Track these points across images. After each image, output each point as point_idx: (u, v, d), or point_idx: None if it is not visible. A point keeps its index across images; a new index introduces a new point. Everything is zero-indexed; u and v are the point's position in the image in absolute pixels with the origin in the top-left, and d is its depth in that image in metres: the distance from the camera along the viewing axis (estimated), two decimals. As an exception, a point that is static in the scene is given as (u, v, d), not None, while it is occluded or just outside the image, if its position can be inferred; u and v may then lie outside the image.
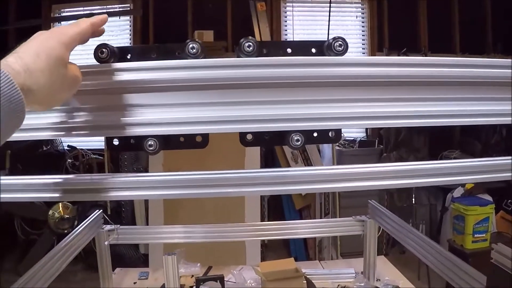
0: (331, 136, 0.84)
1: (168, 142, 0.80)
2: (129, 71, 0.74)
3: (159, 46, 0.81)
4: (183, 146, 0.83)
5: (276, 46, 0.82)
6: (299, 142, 0.79)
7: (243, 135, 0.83)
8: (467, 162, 0.93)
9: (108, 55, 0.77)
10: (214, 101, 0.75)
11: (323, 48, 0.81)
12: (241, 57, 0.76)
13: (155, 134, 0.77)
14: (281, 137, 0.82)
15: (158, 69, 0.73)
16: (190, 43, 0.75)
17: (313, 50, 0.82)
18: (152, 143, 0.77)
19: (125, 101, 0.75)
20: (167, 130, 0.76)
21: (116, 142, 0.81)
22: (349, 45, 0.79)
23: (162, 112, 0.75)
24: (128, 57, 0.81)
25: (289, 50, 0.82)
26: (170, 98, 0.75)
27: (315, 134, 0.83)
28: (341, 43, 0.78)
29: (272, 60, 0.74)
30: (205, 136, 0.83)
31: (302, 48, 0.83)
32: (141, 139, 0.77)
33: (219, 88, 0.75)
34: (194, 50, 0.75)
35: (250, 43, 0.75)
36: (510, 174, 0.92)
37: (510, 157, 0.93)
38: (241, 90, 0.75)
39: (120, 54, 0.80)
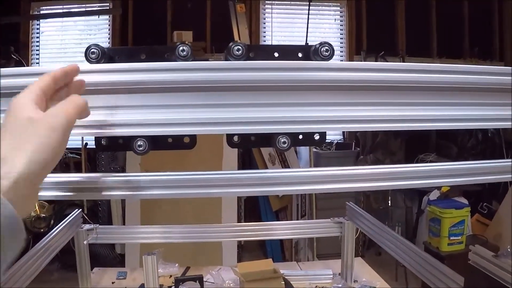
0: (316, 139, 0.85)
1: (156, 142, 0.80)
2: (119, 72, 0.74)
3: (149, 48, 0.82)
4: (171, 146, 0.83)
5: (263, 50, 0.84)
6: (286, 144, 0.80)
7: (230, 137, 0.85)
8: (443, 166, 0.95)
9: (98, 55, 0.77)
10: (203, 103, 0.76)
11: (310, 52, 0.82)
12: (230, 60, 0.77)
13: (144, 135, 0.78)
14: (268, 139, 0.83)
15: (148, 70, 0.74)
16: (180, 45, 0.76)
17: (300, 55, 0.84)
18: (142, 143, 0.78)
19: (115, 102, 0.76)
20: (155, 131, 0.76)
21: (104, 141, 0.82)
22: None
23: (151, 113, 0.76)
24: (118, 58, 0.82)
25: (276, 54, 0.84)
26: (159, 99, 0.76)
27: (300, 137, 0.84)
28: (327, 48, 0.79)
29: (261, 63, 0.76)
30: (193, 137, 0.84)
31: (289, 52, 0.84)
32: (130, 139, 0.78)
33: (208, 90, 0.76)
34: (185, 53, 0.76)
35: (239, 47, 0.76)
36: (483, 178, 0.95)
37: (481, 162, 0.96)
38: (229, 93, 0.77)
39: (110, 54, 0.81)
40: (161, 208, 4.02)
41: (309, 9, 5.25)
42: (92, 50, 0.77)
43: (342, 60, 6.00)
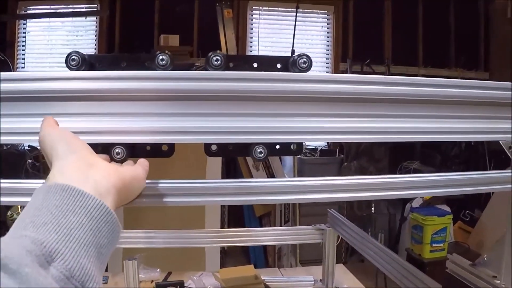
0: (293, 149, 0.86)
1: (134, 150, 0.81)
2: (99, 80, 0.75)
3: (129, 55, 0.82)
4: (149, 154, 0.84)
5: (243, 60, 0.85)
6: (262, 154, 0.81)
7: (207, 146, 0.85)
8: (427, 177, 0.95)
9: (79, 62, 0.78)
10: (180, 112, 0.77)
11: (288, 64, 0.83)
12: (209, 70, 0.78)
13: (122, 143, 0.78)
14: (245, 148, 0.84)
15: (127, 79, 0.75)
16: (159, 55, 0.77)
17: (279, 66, 0.85)
18: (120, 151, 0.78)
19: (94, 109, 0.76)
20: (134, 139, 0.77)
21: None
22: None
23: (129, 121, 0.77)
24: (99, 65, 0.83)
25: (255, 65, 0.85)
26: (137, 108, 0.76)
27: (277, 147, 0.85)
28: (305, 60, 0.80)
29: (239, 74, 0.77)
30: (171, 146, 0.85)
31: (268, 63, 0.85)
32: (109, 146, 0.78)
33: (186, 100, 0.77)
34: (164, 62, 0.77)
35: (218, 57, 0.77)
36: (462, 189, 0.96)
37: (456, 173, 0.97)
38: (207, 102, 0.77)
39: (91, 62, 0.81)
40: (144, 214, 4.01)
41: (296, 16, 5.28)
42: (73, 57, 0.78)
43: (328, 67, 6.03)
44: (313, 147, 5.62)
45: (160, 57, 0.77)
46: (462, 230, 4.87)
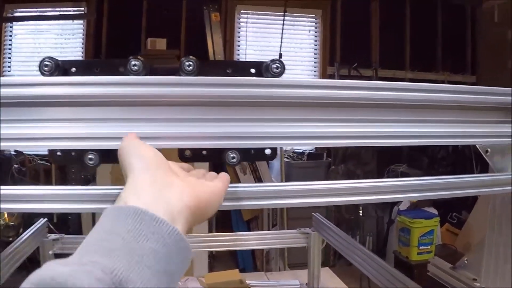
0: (267, 154, 0.86)
1: (108, 155, 0.80)
2: (70, 85, 0.74)
3: (103, 61, 0.82)
4: (123, 160, 0.84)
5: (216, 65, 0.85)
6: (234, 160, 0.81)
7: (181, 151, 0.85)
8: (415, 181, 0.96)
9: (52, 68, 0.77)
10: (153, 117, 0.77)
11: (262, 69, 0.83)
12: (181, 76, 0.78)
13: (95, 148, 0.78)
14: (219, 153, 0.84)
15: (98, 84, 0.74)
16: (132, 60, 0.76)
17: (253, 71, 0.85)
18: (92, 156, 0.77)
19: (66, 115, 0.76)
20: (106, 144, 0.77)
21: (59, 153, 0.82)
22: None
23: (102, 126, 0.76)
24: (73, 70, 0.82)
25: (229, 70, 0.85)
26: (109, 113, 0.76)
27: (252, 152, 0.85)
28: (278, 65, 0.80)
29: (210, 79, 0.76)
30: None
31: (242, 68, 0.85)
32: (82, 152, 0.78)
33: (158, 105, 0.77)
34: (136, 68, 0.76)
35: (190, 62, 0.77)
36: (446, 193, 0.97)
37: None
38: (179, 108, 0.77)
39: (65, 67, 0.81)
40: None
41: (284, 20, 5.29)
42: (45, 62, 0.77)
43: (315, 71, 6.04)
44: (301, 151, 5.63)
45: (132, 62, 0.76)
46: (450, 232, 4.88)
